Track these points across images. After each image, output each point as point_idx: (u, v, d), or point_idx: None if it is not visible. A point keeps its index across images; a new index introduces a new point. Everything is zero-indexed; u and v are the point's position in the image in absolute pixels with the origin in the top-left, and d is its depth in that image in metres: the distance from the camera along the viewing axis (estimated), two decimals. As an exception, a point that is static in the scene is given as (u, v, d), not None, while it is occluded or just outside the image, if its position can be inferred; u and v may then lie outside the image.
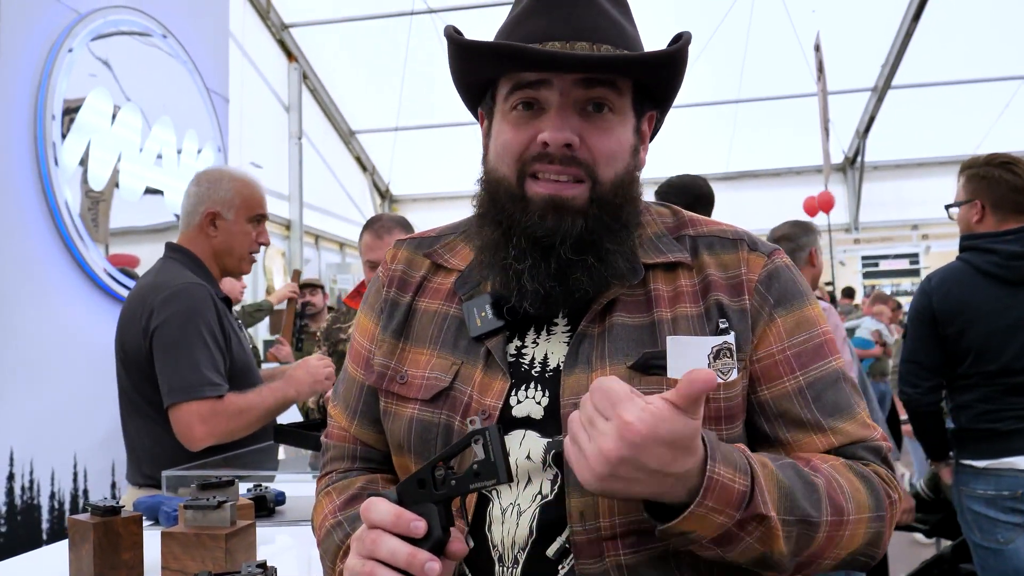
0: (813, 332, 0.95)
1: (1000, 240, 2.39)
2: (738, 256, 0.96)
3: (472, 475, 0.77)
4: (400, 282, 1.04)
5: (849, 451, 0.91)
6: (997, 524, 2.29)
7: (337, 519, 0.96)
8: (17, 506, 2.62)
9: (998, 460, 2.30)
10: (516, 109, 0.92)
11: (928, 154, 9.92)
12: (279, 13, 8.47)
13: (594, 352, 0.91)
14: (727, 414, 0.89)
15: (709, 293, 0.93)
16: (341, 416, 1.06)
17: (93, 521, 1.22)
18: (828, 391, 0.93)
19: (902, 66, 8.82)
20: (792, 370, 0.92)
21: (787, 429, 0.92)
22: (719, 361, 0.89)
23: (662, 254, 0.96)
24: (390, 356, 1.00)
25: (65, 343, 2.83)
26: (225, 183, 2.10)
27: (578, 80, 0.89)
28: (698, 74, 9.28)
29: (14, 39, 2.70)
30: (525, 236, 0.90)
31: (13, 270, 2.65)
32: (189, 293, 1.95)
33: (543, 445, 0.90)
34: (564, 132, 0.88)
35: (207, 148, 3.74)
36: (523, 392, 0.92)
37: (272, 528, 1.55)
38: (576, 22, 0.89)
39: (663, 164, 10.33)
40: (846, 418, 0.92)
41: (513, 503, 0.89)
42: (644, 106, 0.97)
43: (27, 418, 2.66)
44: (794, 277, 0.98)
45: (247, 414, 1.92)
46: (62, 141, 2.86)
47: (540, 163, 0.90)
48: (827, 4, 7.90)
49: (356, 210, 10.78)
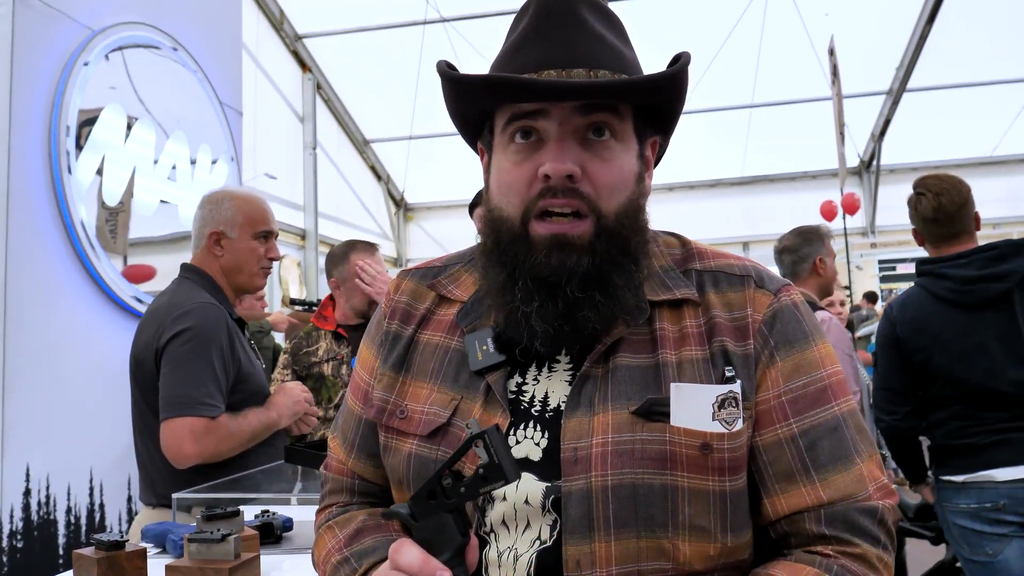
0: (814, 375, 0.91)
1: (952, 265, 2.37)
2: (744, 295, 0.93)
3: (480, 480, 0.77)
4: (403, 314, 1.03)
5: (840, 514, 0.86)
6: (983, 536, 2.29)
7: (344, 555, 0.95)
8: (34, 522, 2.64)
9: (975, 474, 2.30)
10: (514, 141, 0.90)
11: (944, 157, 9.81)
12: (293, 24, 8.53)
13: (597, 394, 0.89)
14: (731, 465, 0.86)
15: (715, 337, 0.90)
16: (339, 449, 1.05)
17: (97, 556, 1.22)
18: (824, 440, 0.88)
19: (917, 69, 8.74)
20: (785, 417, 0.89)
21: (776, 480, 0.88)
22: (723, 411, 0.86)
23: (668, 291, 0.93)
24: (390, 390, 0.99)
25: (80, 357, 2.85)
26: (227, 203, 2.13)
27: (577, 107, 0.87)
28: (712, 79, 9.21)
29: (29, 56, 2.73)
30: (531, 277, 0.88)
31: (28, 283, 2.67)
32: (202, 313, 1.96)
33: (542, 489, 0.88)
34: (565, 163, 0.86)
35: (221, 161, 3.77)
36: (522, 432, 0.91)
37: (279, 556, 1.53)
38: (572, 49, 0.87)
39: (678, 170, 10.21)
40: (840, 470, 0.87)
41: (511, 547, 0.88)
42: (646, 131, 0.95)
43: (43, 433, 2.68)
44: (799, 316, 0.94)
45: (236, 436, 1.94)
46: (77, 155, 2.89)
47: (544, 199, 0.87)
48: (840, 8, 7.84)
49: (371, 219, 10.81)
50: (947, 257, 2.41)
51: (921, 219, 2.51)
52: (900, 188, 11.34)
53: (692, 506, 0.84)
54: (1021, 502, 2.24)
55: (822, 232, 3.08)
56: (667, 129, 0.99)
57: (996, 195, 9.39)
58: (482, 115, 0.96)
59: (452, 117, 0.99)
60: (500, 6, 7.31)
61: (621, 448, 0.85)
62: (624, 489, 0.84)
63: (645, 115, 0.94)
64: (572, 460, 0.86)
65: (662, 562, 0.84)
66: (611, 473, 0.84)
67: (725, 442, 0.86)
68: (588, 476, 0.85)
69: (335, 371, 3.00)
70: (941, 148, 9.81)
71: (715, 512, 0.85)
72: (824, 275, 3.02)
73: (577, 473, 0.85)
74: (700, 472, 0.85)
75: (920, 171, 10.70)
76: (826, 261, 3.02)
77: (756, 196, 10.61)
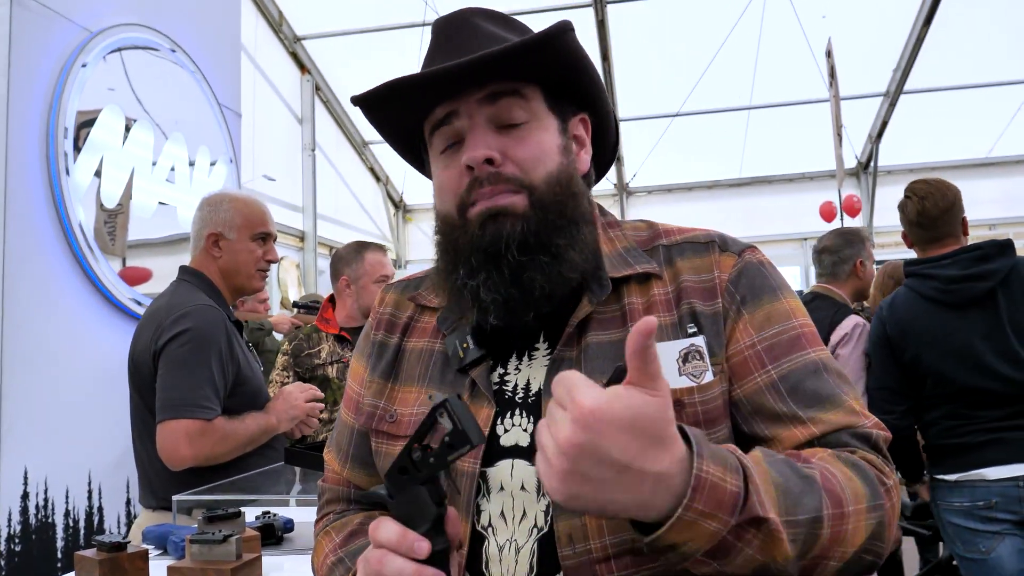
0: (787, 324, 0.91)
1: (938, 265, 2.42)
2: (711, 259, 0.95)
3: (447, 448, 0.77)
4: (388, 324, 1.06)
5: (833, 439, 0.86)
6: (977, 534, 2.32)
7: (339, 556, 0.97)
8: (32, 525, 2.64)
9: (967, 473, 2.33)
10: (442, 152, 0.94)
11: (940, 158, 9.83)
12: (291, 26, 8.53)
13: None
14: (706, 418, 0.87)
15: (683, 300, 0.92)
16: (334, 461, 1.08)
17: (99, 557, 1.22)
18: (807, 381, 0.88)
19: (914, 71, 8.75)
20: (763, 364, 0.89)
21: (764, 425, 0.88)
22: (689, 364, 0.88)
23: (630, 267, 0.95)
24: (379, 396, 1.01)
25: (78, 359, 2.84)
26: (225, 204, 2.15)
27: (481, 100, 0.91)
28: (710, 81, 9.18)
29: (27, 57, 2.73)
30: (471, 252, 0.91)
31: (26, 286, 2.66)
32: (200, 315, 1.97)
33: (535, 473, 0.88)
34: (480, 149, 0.89)
35: (220, 162, 3.76)
36: (509, 420, 0.92)
37: (280, 556, 1.54)
38: (465, 51, 0.90)
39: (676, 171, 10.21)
40: (828, 407, 0.87)
41: (510, 539, 0.88)
42: (565, 108, 0.97)
43: (41, 436, 2.67)
44: (764, 272, 0.95)
45: (231, 440, 1.94)
46: (75, 156, 2.89)
47: (473, 191, 0.91)
48: (838, 10, 7.86)
49: (370, 221, 10.81)
50: (933, 258, 2.46)
51: (907, 222, 2.57)
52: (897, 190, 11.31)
53: None
54: (1013, 500, 2.26)
55: (863, 234, 3.08)
56: (590, 105, 1.00)
57: (992, 196, 9.41)
58: (413, 136, 1.01)
59: (392, 146, 1.05)
60: (499, 5, 7.31)
61: None
62: None
63: (557, 93, 0.95)
64: None
65: None
66: None
67: (696, 395, 0.87)
68: None
69: (340, 374, 3.00)
70: (938, 150, 9.83)
71: None
72: (863, 278, 3.01)
73: None
74: None
75: (917, 172, 10.74)
76: (866, 264, 3.02)
77: (754, 197, 10.62)
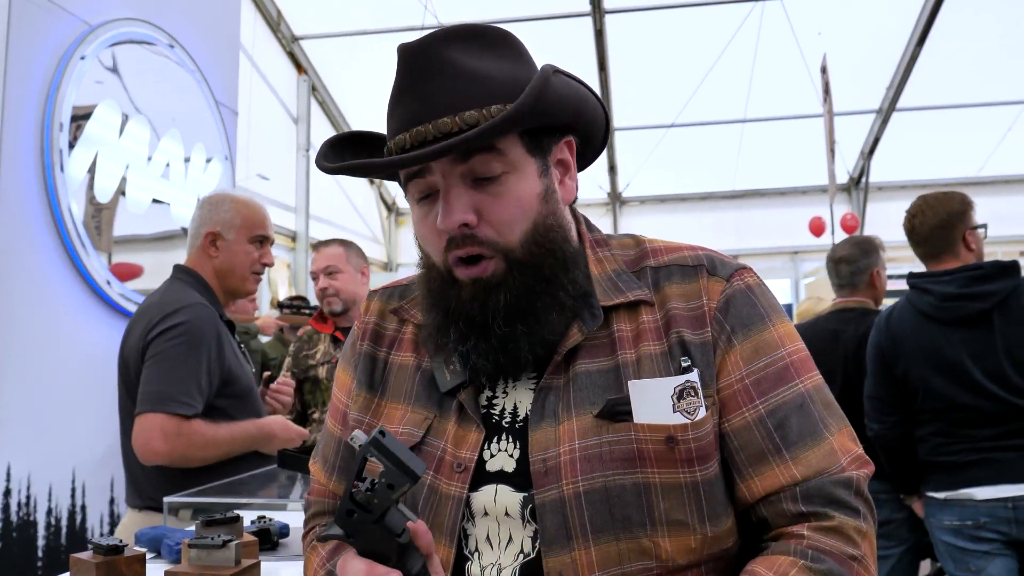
0: (775, 355, 0.90)
1: (937, 281, 2.42)
2: (698, 284, 0.93)
3: (387, 488, 0.77)
4: (374, 334, 1.05)
5: (815, 489, 0.86)
6: (967, 553, 2.31)
7: (326, 569, 0.97)
8: (13, 522, 2.59)
9: (956, 491, 2.33)
10: (419, 203, 0.93)
11: (931, 176, 9.90)
12: (290, 25, 8.50)
13: (560, 403, 0.90)
14: (699, 455, 0.86)
15: (672, 329, 0.91)
16: (320, 472, 1.07)
17: (96, 560, 1.19)
18: (792, 417, 0.88)
19: (906, 89, 8.84)
20: (751, 399, 0.89)
21: (749, 463, 0.88)
22: (684, 401, 0.87)
23: (622, 294, 0.94)
24: (365, 411, 1.01)
25: (66, 354, 2.81)
26: (226, 204, 2.13)
27: (453, 157, 0.87)
28: (706, 94, 9.22)
29: (24, 48, 2.70)
30: (463, 319, 0.91)
31: (15, 280, 2.63)
32: (192, 312, 1.95)
33: (519, 500, 0.88)
34: (453, 217, 0.88)
35: (215, 160, 3.74)
36: (495, 445, 0.92)
37: (276, 562, 1.51)
38: (434, 98, 0.87)
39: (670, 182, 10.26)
40: (810, 446, 0.87)
41: (494, 563, 0.88)
42: (546, 143, 0.93)
43: (25, 432, 2.63)
44: (752, 299, 0.93)
45: (210, 446, 1.90)
46: (69, 151, 2.86)
47: (451, 251, 0.90)
48: (833, 27, 7.91)
49: (363, 223, 10.77)
50: (935, 272, 2.45)
51: (910, 242, 2.57)
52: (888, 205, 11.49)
53: (667, 501, 0.85)
54: (1002, 521, 2.26)
55: (877, 243, 3.06)
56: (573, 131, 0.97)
57: (982, 215, 9.33)
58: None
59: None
60: (496, 13, 7.32)
61: (589, 453, 0.86)
62: (596, 493, 0.85)
63: (536, 132, 0.91)
64: (542, 471, 0.87)
65: (645, 561, 0.84)
66: (582, 479, 0.85)
67: (689, 432, 0.86)
68: (559, 485, 0.86)
69: (330, 374, 2.99)
70: (928, 167, 9.91)
71: (690, 504, 0.85)
72: (878, 287, 3.01)
73: (548, 484, 0.86)
74: (669, 466, 0.85)
75: (908, 189, 10.82)
76: (882, 273, 3.01)
77: (746, 210, 10.66)
